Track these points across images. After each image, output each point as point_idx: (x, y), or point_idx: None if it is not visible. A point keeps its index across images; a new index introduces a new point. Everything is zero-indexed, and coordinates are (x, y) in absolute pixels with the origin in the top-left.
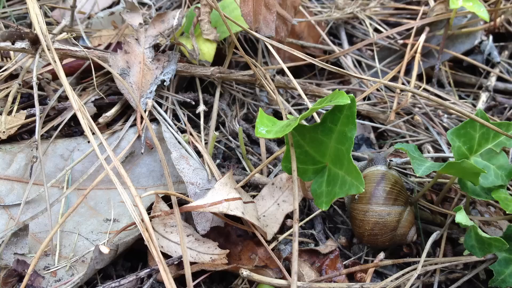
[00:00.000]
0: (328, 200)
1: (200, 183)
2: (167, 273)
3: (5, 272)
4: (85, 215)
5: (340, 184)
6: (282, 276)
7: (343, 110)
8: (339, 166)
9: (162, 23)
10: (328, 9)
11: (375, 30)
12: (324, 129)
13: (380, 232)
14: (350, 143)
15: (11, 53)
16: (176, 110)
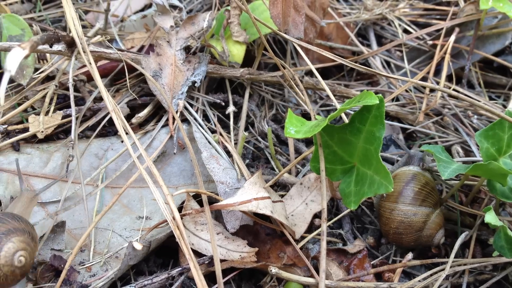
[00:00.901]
0: (356, 199)
1: (229, 182)
2: (197, 270)
3: (42, 267)
4: (118, 212)
5: (369, 183)
6: (310, 275)
7: (372, 110)
8: (367, 166)
9: (192, 26)
10: (357, 10)
11: (404, 31)
12: (353, 129)
13: (405, 231)
14: (378, 143)
15: (47, 55)
16: (206, 110)
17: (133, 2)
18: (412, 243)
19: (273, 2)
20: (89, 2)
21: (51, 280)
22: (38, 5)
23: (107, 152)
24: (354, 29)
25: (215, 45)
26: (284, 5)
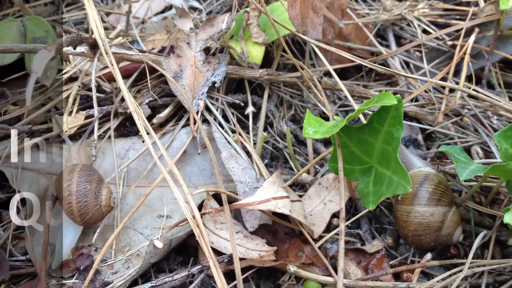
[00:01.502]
0: (375, 199)
1: (249, 181)
2: (217, 268)
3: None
4: (140, 211)
5: (387, 184)
6: (329, 274)
7: (390, 111)
8: (385, 166)
9: (212, 27)
10: (376, 11)
11: (424, 31)
12: (371, 129)
13: (424, 232)
14: (397, 143)
15: (70, 56)
16: (226, 111)
17: (154, 4)
18: (432, 244)
19: (291, 3)
20: (111, 4)
21: (74, 277)
22: (61, 7)
23: (129, 152)
24: (373, 29)
25: (235, 46)
26: (302, 6)
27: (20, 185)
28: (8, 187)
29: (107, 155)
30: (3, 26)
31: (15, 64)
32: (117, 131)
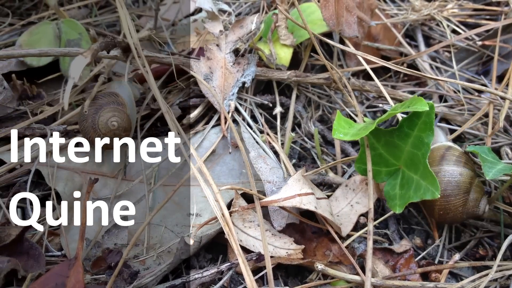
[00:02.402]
0: (402, 203)
1: (276, 181)
2: (245, 266)
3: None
4: (170, 209)
5: (415, 188)
6: (356, 273)
7: (421, 116)
8: (413, 170)
9: (241, 29)
10: (405, 11)
11: (453, 32)
12: (401, 133)
13: (453, 193)
14: (426, 148)
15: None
16: (254, 111)
17: (184, 6)
18: (460, 208)
19: (324, 4)
20: (142, 7)
21: (105, 273)
22: (94, 10)
23: (160, 152)
24: (401, 30)
25: (263, 48)
26: (336, 6)
27: (55, 183)
28: (44, 185)
29: (139, 154)
30: (39, 29)
31: (50, 66)
32: (148, 131)
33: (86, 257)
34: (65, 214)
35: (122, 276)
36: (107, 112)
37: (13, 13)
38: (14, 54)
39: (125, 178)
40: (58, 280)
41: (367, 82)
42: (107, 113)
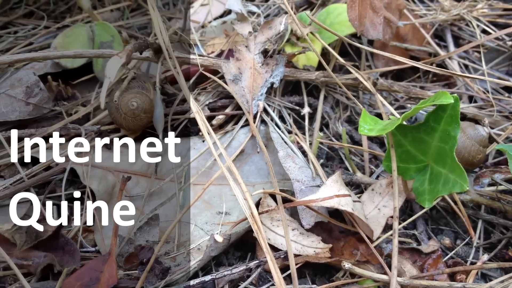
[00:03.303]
0: (430, 197)
1: (305, 180)
2: (274, 263)
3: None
4: (200, 207)
5: (443, 182)
6: (383, 272)
7: (447, 110)
8: (441, 165)
9: (269, 30)
10: (434, 11)
11: (483, 32)
12: (427, 128)
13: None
14: (453, 142)
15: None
16: (282, 112)
17: (213, 8)
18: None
19: (350, 5)
20: (172, 9)
21: (137, 269)
22: (126, 13)
23: (190, 151)
24: (430, 30)
25: (291, 49)
26: (361, 7)
27: (90, 182)
28: (79, 183)
29: (170, 154)
30: (74, 31)
31: (83, 67)
32: (175, 129)
33: (119, 253)
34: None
35: (154, 272)
36: (130, 94)
37: (48, 16)
38: (49, 55)
39: (156, 177)
40: (92, 275)
41: (395, 83)
42: (129, 94)
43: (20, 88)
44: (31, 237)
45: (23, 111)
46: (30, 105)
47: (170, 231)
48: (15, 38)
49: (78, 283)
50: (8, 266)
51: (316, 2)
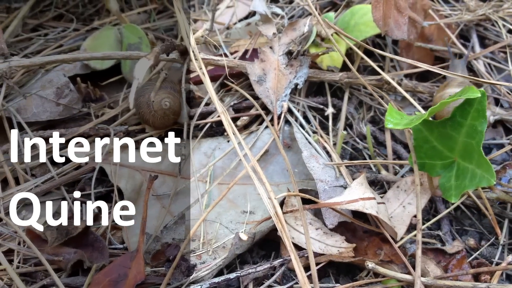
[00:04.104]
0: (457, 193)
1: (328, 180)
2: (298, 262)
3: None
4: (225, 206)
5: (470, 177)
6: (407, 272)
7: (473, 104)
8: (468, 160)
9: (294, 31)
10: (459, 12)
11: (509, 32)
12: (453, 123)
13: None
14: (480, 136)
15: None
16: (306, 112)
17: (238, 10)
18: None
19: (375, 5)
20: (198, 12)
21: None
22: (153, 15)
23: (215, 151)
24: (455, 30)
25: (315, 50)
26: (385, 7)
27: (118, 180)
28: (107, 181)
29: (196, 154)
30: (102, 34)
31: (111, 69)
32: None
33: (146, 251)
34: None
35: (180, 269)
36: (164, 93)
37: (77, 19)
38: (79, 57)
39: (182, 176)
40: (120, 271)
41: (420, 84)
42: (163, 93)
43: (50, 89)
44: (61, 234)
45: (53, 111)
46: (60, 106)
47: (195, 230)
48: (45, 41)
49: (107, 279)
50: (40, 262)
51: (340, 3)
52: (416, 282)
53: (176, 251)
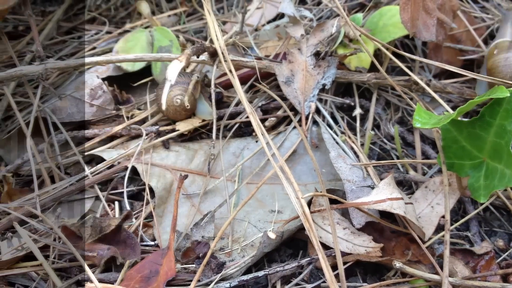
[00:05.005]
0: (486, 193)
1: (356, 180)
2: (325, 261)
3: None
4: (253, 206)
5: (499, 177)
6: (435, 272)
7: (502, 104)
8: (497, 160)
9: (322, 32)
10: (488, 12)
11: None
12: (482, 123)
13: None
14: (509, 136)
15: None
16: (334, 113)
17: (267, 12)
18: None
19: (403, 7)
20: (227, 14)
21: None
22: (182, 17)
23: (243, 151)
24: (485, 31)
25: (343, 51)
26: (413, 8)
27: (149, 179)
28: (139, 180)
29: (225, 153)
30: (134, 36)
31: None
32: (233, 131)
33: (177, 248)
34: (159, 207)
35: (210, 266)
36: (178, 89)
37: (109, 22)
38: (112, 59)
39: (211, 175)
40: (152, 267)
41: (449, 84)
42: (177, 90)
43: (84, 90)
44: (95, 231)
45: (87, 112)
46: (94, 107)
47: (225, 228)
48: (79, 43)
49: (139, 275)
50: (75, 258)
51: (368, 4)
52: (444, 282)
53: (206, 248)
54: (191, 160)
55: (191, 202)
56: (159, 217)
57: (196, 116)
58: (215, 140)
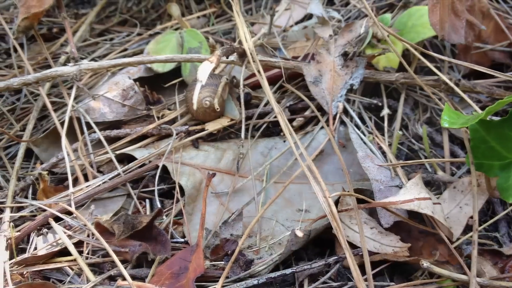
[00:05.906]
0: None
1: (384, 180)
2: (352, 260)
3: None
4: (281, 205)
5: None
6: (463, 272)
7: None
8: None
9: (350, 33)
10: None
11: None
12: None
13: None
14: None
15: None
16: (362, 113)
17: (295, 13)
18: None
19: (432, 9)
20: (255, 15)
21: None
22: (212, 19)
23: (271, 151)
24: None
25: (371, 52)
26: (442, 11)
27: (179, 178)
28: (169, 179)
29: (253, 153)
30: (164, 38)
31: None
32: (261, 131)
33: (206, 245)
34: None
35: (238, 263)
36: (206, 91)
37: (140, 24)
38: (144, 60)
39: (239, 174)
40: (181, 264)
41: (478, 84)
42: (206, 92)
43: (116, 91)
44: (127, 228)
45: (119, 112)
46: (125, 107)
47: (252, 226)
48: (111, 45)
49: (169, 271)
50: (107, 254)
51: (397, 4)
52: (472, 282)
53: (235, 246)
54: (220, 159)
55: (220, 200)
56: (188, 215)
57: (225, 116)
58: (243, 139)
